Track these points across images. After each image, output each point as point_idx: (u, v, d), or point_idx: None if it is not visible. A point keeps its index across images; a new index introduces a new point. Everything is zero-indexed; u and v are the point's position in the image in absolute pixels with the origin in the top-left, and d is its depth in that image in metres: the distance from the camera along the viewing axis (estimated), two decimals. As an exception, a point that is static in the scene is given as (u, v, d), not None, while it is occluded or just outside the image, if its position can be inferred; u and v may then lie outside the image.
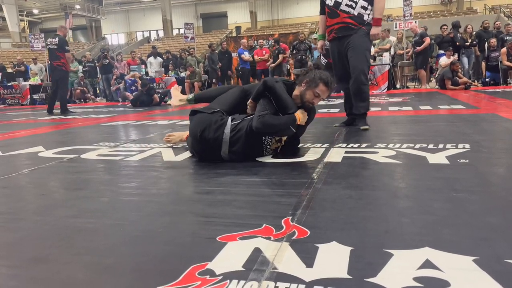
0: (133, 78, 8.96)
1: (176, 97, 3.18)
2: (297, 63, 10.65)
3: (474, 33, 10.56)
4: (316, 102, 2.55)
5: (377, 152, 2.53)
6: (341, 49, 3.60)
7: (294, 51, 11.22)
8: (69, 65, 7.90)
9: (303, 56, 10.70)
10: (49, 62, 7.80)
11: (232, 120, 2.48)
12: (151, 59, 12.48)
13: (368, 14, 3.48)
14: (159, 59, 12.52)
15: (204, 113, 2.55)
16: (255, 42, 12.47)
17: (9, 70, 14.74)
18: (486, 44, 9.82)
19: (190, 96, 3.07)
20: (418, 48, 9.23)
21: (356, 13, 3.47)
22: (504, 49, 9.35)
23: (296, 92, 2.57)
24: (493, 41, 9.61)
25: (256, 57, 11.17)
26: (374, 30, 3.48)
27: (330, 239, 1.25)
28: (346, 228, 1.34)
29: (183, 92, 11.27)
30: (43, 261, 1.21)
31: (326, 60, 8.46)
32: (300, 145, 2.87)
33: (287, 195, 1.74)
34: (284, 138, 2.58)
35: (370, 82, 9.75)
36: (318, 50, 4.02)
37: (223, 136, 2.41)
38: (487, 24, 10.26)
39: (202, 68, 12.43)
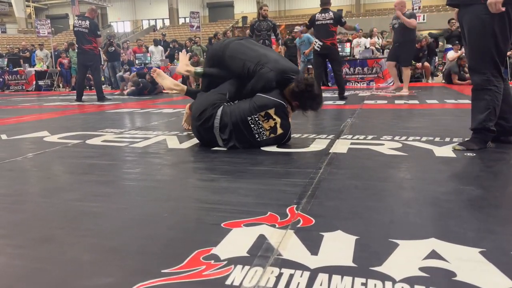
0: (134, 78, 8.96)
1: (184, 65, 2.92)
2: None
3: None
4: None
5: (383, 144, 2.52)
6: (460, 21, 2.44)
7: (255, 33, 7.57)
8: (99, 49, 7.76)
9: (266, 40, 7.86)
10: (78, 46, 7.45)
11: (225, 105, 2.51)
12: (152, 47, 12.43)
13: None
14: (160, 48, 12.46)
15: (210, 94, 2.65)
16: None
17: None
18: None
19: (199, 69, 2.86)
20: (420, 43, 8.08)
21: None
22: (513, 45, 9.22)
23: (288, 98, 2.56)
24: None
25: None
26: None
27: (335, 228, 1.24)
28: (351, 218, 1.33)
29: (187, 79, 11.27)
30: (48, 241, 1.21)
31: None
32: (305, 135, 2.86)
33: (292, 184, 1.73)
34: (278, 124, 2.47)
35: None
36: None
37: (215, 117, 2.44)
38: None
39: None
